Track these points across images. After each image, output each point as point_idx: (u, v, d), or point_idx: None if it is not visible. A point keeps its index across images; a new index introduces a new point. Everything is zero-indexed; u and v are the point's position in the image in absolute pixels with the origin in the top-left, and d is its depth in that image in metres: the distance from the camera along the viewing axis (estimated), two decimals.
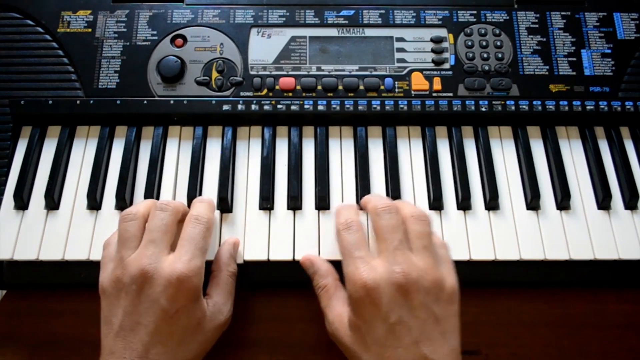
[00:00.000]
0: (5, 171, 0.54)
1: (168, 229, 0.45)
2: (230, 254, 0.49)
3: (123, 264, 0.43)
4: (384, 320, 0.41)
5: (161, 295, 0.41)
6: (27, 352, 0.50)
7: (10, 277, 0.52)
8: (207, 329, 0.45)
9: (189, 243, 0.44)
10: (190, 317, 0.43)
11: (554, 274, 0.52)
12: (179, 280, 0.42)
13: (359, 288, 0.42)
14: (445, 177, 0.55)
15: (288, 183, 0.53)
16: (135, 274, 0.42)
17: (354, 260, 0.43)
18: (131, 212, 0.46)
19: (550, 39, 0.59)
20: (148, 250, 0.43)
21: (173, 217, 0.45)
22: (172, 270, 0.42)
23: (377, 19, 0.59)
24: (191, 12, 0.59)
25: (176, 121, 0.56)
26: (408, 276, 0.41)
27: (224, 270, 0.48)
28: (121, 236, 0.45)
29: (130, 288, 0.42)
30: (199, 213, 0.46)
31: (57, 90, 0.56)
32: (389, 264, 0.42)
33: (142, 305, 0.42)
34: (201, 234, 0.45)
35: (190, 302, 0.43)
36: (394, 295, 0.41)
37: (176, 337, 0.43)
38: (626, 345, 0.51)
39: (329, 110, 0.55)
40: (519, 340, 0.51)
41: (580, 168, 0.56)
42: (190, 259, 0.43)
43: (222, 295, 0.47)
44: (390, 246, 0.43)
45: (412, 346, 0.40)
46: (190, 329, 0.43)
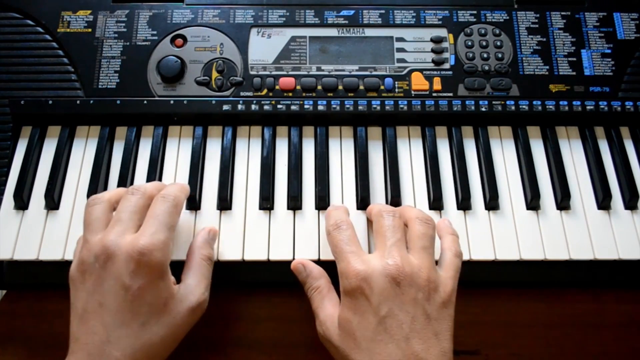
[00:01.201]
0: (5, 171, 0.54)
1: (137, 209, 0.44)
2: (204, 239, 0.48)
3: (88, 245, 0.42)
4: (375, 313, 0.41)
5: (123, 271, 0.41)
6: (27, 352, 0.50)
7: (10, 277, 0.52)
8: (176, 311, 0.43)
9: (153, 219, 0.43)
10: (155, 296, 0.41)
11: (554, 274, 0.52)
12: (140, 254, 0.41)
13: (352, 279, 0.42)
14: (445, 177, 0.55)
15: (288, 183, 0.53)
16: (98, 252, 0.41)
17: (346, 255, 0.43)
18: (96, 197, 0.45)
19: (550, 39, 0.59)
20: (113, 228, 0.42)
21: (144, 200, 0.45)
22: (134, 245, 0.41)
23: (377, 19, 0.59)
24: (191, 12, 0.59)
25: (176, 121, 0.56)
26: (401, 269, 0.41)
27: (197, 253, 0.47)
28: (86, 220, 0.44)
29: (93, 267, 0.41)
30: (167, 191, 0.46)
31: (57, 90, 0.56)
32: (384, 257, 0.42)
33: (104, 283, 0.41)
34: (167, 210, 0.44)
35: (154, 278, 0.41)
36: (385, 287, 0.41)
37: (140, 318, 0.41)
38: (626, 345, 0.51)
39: (329, 110, 0.55)
40: (519, 340, 0.51)
41: (580, 168, 0.56)
42: (153, 233, 0.42)
43: (194, 277, 0.45)
44: (388, 242, 0.43)
45: (402, 342, 0.40)
46: (155, 309, 0.41)
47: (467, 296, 0.52)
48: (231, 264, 0.50)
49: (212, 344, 0.50)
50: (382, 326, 0.40)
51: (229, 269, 0.51)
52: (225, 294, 0.51)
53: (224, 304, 0.51)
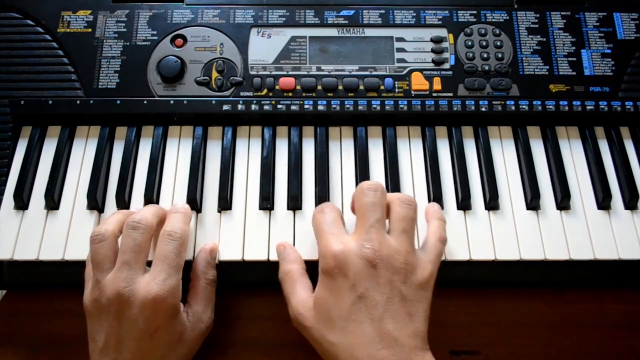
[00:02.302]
0: (5, 171, 0.54)
1: (141, 249, 0.44)
2: (207, 262, 0.49)
3: (99, 286, 0.43)
4: (351, 291, 0.41)
5: (139, 317, 0.42)
6: (27, 352, 0.50)
7: (10, 277, 0.52)
8: (189, 340, 0.45)
9: (163, 262, 0.44)
10: (171, 333, 0.44)
11: (554, 274, 0.52)
12: (154, 302, 0.42)
13: (329, 259, 0.42)
14: (445, 177, 0.55)
15: (288, 183, 0.53)
16: (112, 297, 0.42)
17: (326, 236, 0.44)
18: (100, 233, 0.45)
19: (550, 39, 0.59)
20: (122, 272, 0.43)
21: (146, 235, 0.45)
22: (147, 292, 0.42)
23: (377, 19, 0.59)
24: (191, 12, 0.59)
25: (176, 121, 0.56)
26: (377, 252, 0.42)
27: (202, 278, 0.48)
28: (93, 259, 0.45)
29: (108, 310, 0.43)
30: (172, 228, 0.46)
31: (57, 90, 0.56)
32: (362, 239, 0.43)
33: (121, 326, 0.42)
34: (175, 250, 0.45)
35: (169, 319, 0.43)
36: (361, 267, 0.41)
37: (158, 353, 0.43)
38: (626, 345, 0.51)
39: (329, 110, 0.55)
40: (519, 340, 0.51)
41: (580, 168, 0.56)
42: (164, 279, 0.43)
43: (202, 304, 0.47)
44: (367, 223, 0.43)
45: (376, 321, 0.40)
46: (172, 344, 0.44)
47: (467, 296, 0.53)
48: (231, 264, 0.50)
49: (212, 344, 0.50)
50: (357, 306, 0.41)
51: (229, 269, 0.51)
52: (225, 294, 0.51)
53: (224, 304, 0.51)
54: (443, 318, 0.52)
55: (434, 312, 0.44)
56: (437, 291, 0.51)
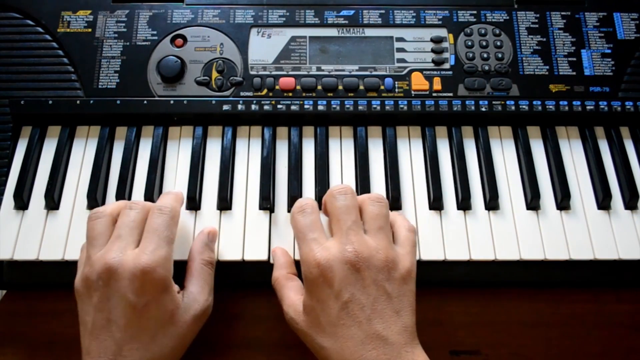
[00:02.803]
0: (5, 171, 0.54)
1: (136, 225, 0.44)
2: (204, 243, 0.48)
3: (90, 262, 0.43)
4: (337, 298, 0.41)
5: (128, 289, 0.41)
6: (27, 352, 0.50)
7: (10, 277, 0.52)
8: (182, 321, 0.44)
9: (152, 234, 0.44)
10: (161, 309, 0.42)
11: (554, 274, 0.52)
12: (143, 272, 0.41)
13: (312, 268, 0.42)
14: (445, 177, 0.55)
15: (288, 183, 0.53)
16: (101, 270, 0.42)
17: (308, 242, 0.44)
18: (98, 211, 0.45)
19: (550, 39, 0.59)
20: (114, 245, 0.43)
21: (142, 214, 0.45)
22: (136, 263, 0.41)
23: (377, 19, 0.59)
24: (191, 12, 0.59)
25: (176, 121, 0.56)
26: (359, 254, 0.42)
27: (197, 258, 0.47)
28: (88, 235, 0.45)
29: (97, 285, 0.42)
30: (162, 203, 0.46)
31: (57, 90, 0.56)
32: (342, 243, 0.43)
33: (110, 301, 0.41)
34: (164, 223, 0.44)
35: (159, 293, 0.42)
36: (345, 273, 0.41)
37: (149, 332, 0.42)
38: (626, 345, 0.51)
39: (329, 110, 0.55)
40: (519, 340, 0.51)
41: (580, 168, 0.56)
42: (154, 250, 0.42)
43: (197, 285, 0.46)
44: (344, 226, 0.44)
45: (365, 323, 0.41)
46: (162, 322, 0.42)
47: (467, 296, 0.53)
48: (231, 264, 0.50)
49: (212, 344, 0.50)
50: (345, 311, 0.41)
51: (229, 269, 0.51)
52: (225, 294, 0.51)
53: (224, 304, 0.51)
54: (443, 318, 0.52)
55: (434, 312, 0.44)
56: (437, 291, 0.52)
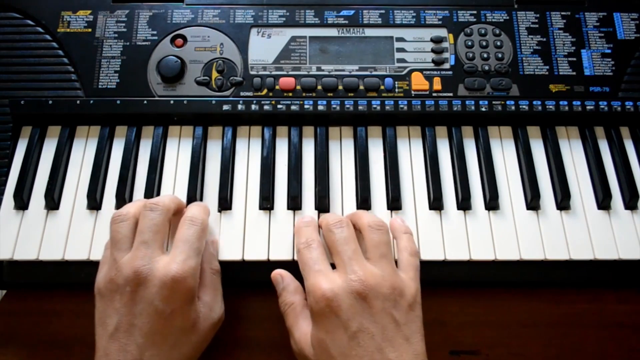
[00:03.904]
0: (5, 171, 0.54)
1: (159, 228, 0.45)
2: (210, 253, 0.49)
3: (117, 266, 0.43)
4: (346, 329, 0.41)
5: (156, 297, 0.41)
6: (27, 352, 0.50)
7: (10, 277, 0.52)
8: (202, 330, 0.44)
9: (184, 244, 0.44)
10: (185, 319, 0.43)
11: (554, 274, 0.52)
12: (173, 281, 0.42)
13: (319, 300, 0.42)
14: (445, 177, 0.55)
15: (288, 183, 0.53)
16: (129, 276, 0.42)
17: (314, 274, 0.44)
18: (122, 214, 0.46)
19: (550, 39, 0.59)
20: (140, 251, 0.43)
21: (163, 217, 0.45)
22: (167, 271, 0.42)
23: (377, 19, 0.59)
24: (191, 12, 0.59)
25: (176, 121, 0.56)
26: (365, 283, 0.42)
27: (207, 269, 0.48)
28: (113, 238, 0.45)
29: (124, 290, 0.42)
30: (193, 214, 0.47)
31: (57, 90, 0.56)
32: (346, 273, 0.43)
33: (136, 306, 0.42)
34: (196, 234, 0.45)
35: (185, 303, 0.43)
36: (352, 303, 0.41)
37: (171, 339, 0.42)
38: (626, 345, 0.51)
39: (329, 110, 0.55)
40: (519, 340, 0.51)
41: (580, 168, 0.56)
42: (184, 260, 0.43)
43: (210, 294, 0.47)
44: (345, 257, 0.44)
45: (376, 353, 0.40)
46: (185, 331, 0.43)
47: (467, 296, 0.53)
48: (231, 264, 0.50)
49: (212, 344, 0.50)
50: (355, 341, 0.41)
51: (229, 269, 0.51)
52: (225, 294, 0.51)
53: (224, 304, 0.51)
54: (443, 318, 0.52)
55: (434, 312, 0.44)
56: (437, 291, 0.52)
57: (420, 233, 0.51)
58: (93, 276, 0.46)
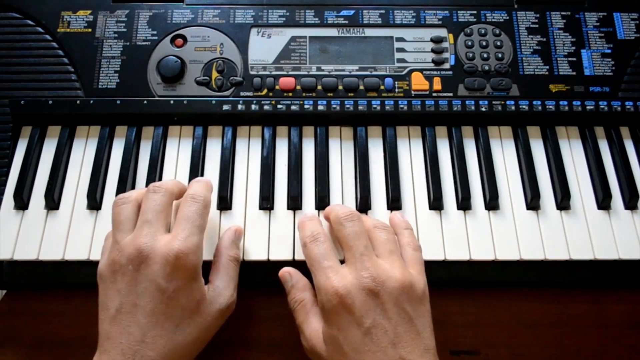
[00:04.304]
0: (5, 171, 0.54)
1: (163, 208, 0.44)
2: (231, 240, 0.49)
3: (119, 246, 0.43)
4: (359, 325, 0.41)
5: (159, 274, 0.41)
6: (27, 352, 0.50)
7: (10, 277, 0.52)
8: (207, 313, 0.44)
9: (186, 221, 0.44)
10: (189, 298, 0.42)
11: (554, 274, 0.52)
12: (176, 258, 0.41)
13: (331, 297, 0.42)
14: (445, 177, 0.55)
15: (288, 183, 0.53)
16: (132, 254, 0.42)
17: (324, 270, 0.43)
18: (124, 196, 0.46)
19: (550, 39, 0.59)
20: (143, 230, 0.43)
21: (167, 198, 0.45)
22: (170, 248, 0.41)
23: (377, 19, 0.59)
24: (191, 12, 0.59)
25: (176, 121, 0.56)
26: (377, 279, 0.42)
27: (224, 254, 0.47)
28: (115, 220, 0.45)
29: (126, 269, 0.42)
30: (195, 191, 0.46)
31: (57, 90, 0.56)
32: (358, 270, 0.42)
33: (139, 285, 0.41)
34: (198, 211, 0.45)
35: (189, 280, 0.42)
36: (365, 299, 0.41)
37: (174, 319, 0.42)
38: (626, 345, 0.51)
39: (329, 110, 0.55)
40: (519, 340, 0.51)
41: (580, 168, 0.56)
42: (187, 236, 0.43)
43: (223, 280, 0.46)
44: (357, 253, 0.44)
45: (389, 348, 0.40)
46: (188, 311, 0.42)
47: (467, 296, 0.53)
48: None
49: (212, 343, 0.50)
50: (369, 337, 0.41)
51: None
52: None
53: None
54: (443, 318, 0.51)
55: (434, 312, 0.44)
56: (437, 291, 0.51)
57: (420, 233, 0.51)
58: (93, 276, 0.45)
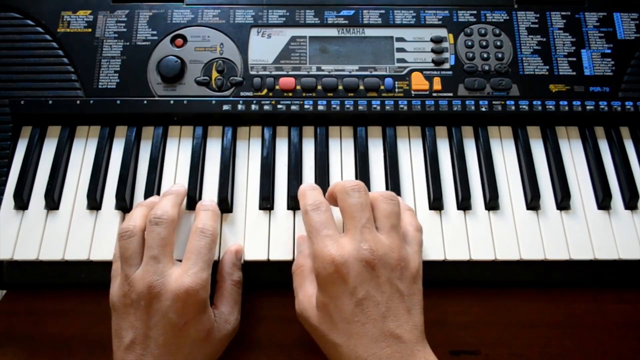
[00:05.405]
0: (5, 171, 0.54)
1: (167, 242, 0.45)
2: (232, 263, 0.49)
3: (129, 281, 0.44)
4: (352, 295, 0.41)
5: (170, 309, 0.42)
6: (27, 352, 0.50)
7: (10, 277, 0.52)
8: (215, 340, 0.45)
9: (196, 256, 0.45)
10: (199, 329, 0.44)
11: (554, 274, 0.52)
12: (187, 294, 0.42)
13: (327, 264, 0.42)
14: (445, 177, 0.55)
15: (288, 183, 0.53)
16: (143, 291, 0.43)
17: (322, 239, 0.44)
18: (128, 229, 0.46)
19: (550, 39, 0.59)
20: (152, 266, 0.43)
21: (169, 228, 0.45)
22: (180, 284, 0.42)
23: (377, 19, 0.59)
24: (191, 12, 0.59)
25: (176, 121, 0.56)
26: (375, 252, 0.42)
27: (227, 280, 0.48)
28: (122, 255, 0.45)
29: (138, 304, 0.43)
30: (204, 225, 0.47)
31: (57, 90, 0.56)
32: (357, 241, 0.43)
33: (151, 319, 0.42)
34: (207, 246, 0.46)
35: (199, 313, 0.43)
36: (361, 270, 0.42)
37: (185, 349, 0.43)
38: (626, 345, 0.51)
39: (329, 110, 0.55)
40: (519, 340, 0.51)
41: (580, 168, 0.56)
42: (196, 272, 0.43)
43: (228, 305, 0.47)
44: (359, 224, 0.44)
45: (379, 321, 0.41)
46: (198, 341, 0.44)
47: (467, 296, 0.53)
48: None
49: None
50: (359, 307, 0.41)
51: None
52: None
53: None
54: (443, 318, 0.52)
55: (434, 312, 0.44)
56: (438, 291, 0.52)
57: None
58: (93, 276, 0.46)
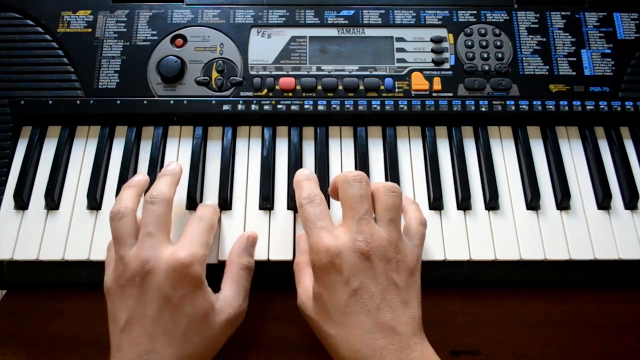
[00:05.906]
0: (5, 171, 0.54)
1: (163, 219, 0.45)
2: (242, 247, 0.49)
3: (124, 261, 0.43)
4: (346, 286, 0.41)
5: (164, 282, 0.41)
6: (27, 352, 0.50)
7: (10, 277, 0.52)
8: (215, 322, 0.44)
9: (191, 235, 0.45)
10: (195, 307, 0.43)
11: (554, 274, 0.52)
12: (182, 265, 0.42)
13: (322, 255, 0.42)
14: (445, 177, 0.55)
15: (288, 183, 0.53)
16: (137, 267, 0.42)
17: (317, 230, 0.44)
18: (119, 210, 0.45)
19: (550, 39, 0.59)
20: (146, 242, 0.43)
21: (166, 207, 0.45)
22: (174, 257, 0.42)
23: (377, 19, 0.59)
24: (191, 12, 0.59)
25: (176, 121, 0.56)
26: (370, 244, 0.42)
27: (235, 262, 0.48)
28: (115, 236, 0.45)
29: (133, 281, 0.42)
30: (202, 213, 0.47)
31: (57, 90, 0.56)
32: (353, 232, 0.43)
33: (146, 295, 0.42)
34: (204, 229, 0.46)
35: (194, 288, 0.43)
36: (356, 261, 0.41)
37: (181, 328, 0.42)
38: (626, 345, 0.51)
39: (329, 110, 0.55)
40: (519, 340, 0.51)
41: (580, 168, 0.56)
42: (192, 247, 0.43)
43: (232, 289, 0.46)
44: (357, 215, 0.43)
45: (373, 312, 0.41)
46: (195, 320, 0.43)
47: (467, 296, 0.53)
48: None
49: None
50: (354, 298, 0.41)
51: None
52: None
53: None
54: (443, 318, 0.52)
55: (434, 312, 0.44)
56: (437, 291, 0.52)
57: None
58: (93, 276, 0.46)
